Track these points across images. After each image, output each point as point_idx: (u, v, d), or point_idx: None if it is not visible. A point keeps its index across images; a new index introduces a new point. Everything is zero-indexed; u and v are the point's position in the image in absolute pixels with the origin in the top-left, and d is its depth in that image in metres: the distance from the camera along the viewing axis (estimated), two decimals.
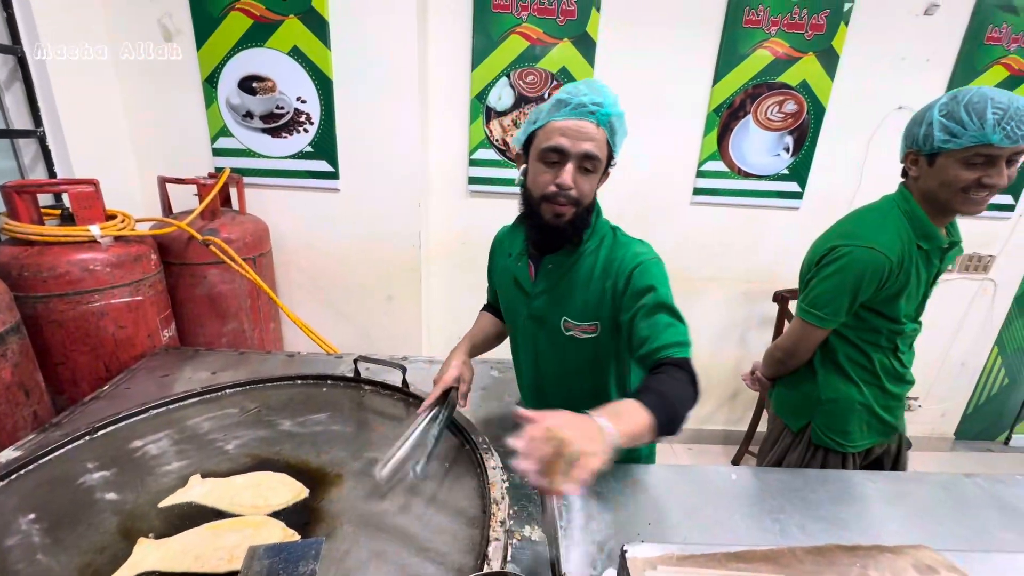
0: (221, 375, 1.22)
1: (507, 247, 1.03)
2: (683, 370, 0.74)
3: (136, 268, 1.31)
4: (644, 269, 0.84)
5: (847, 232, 1.08)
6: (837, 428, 1.17)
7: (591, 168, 0.83)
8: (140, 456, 0.88)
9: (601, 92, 0.82)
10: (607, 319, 0.89)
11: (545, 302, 0.93)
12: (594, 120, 0.80)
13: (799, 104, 1.93)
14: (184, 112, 1.78)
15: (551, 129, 0.81)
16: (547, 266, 0.93)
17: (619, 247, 0.89)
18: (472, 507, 0.78)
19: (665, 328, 0.79)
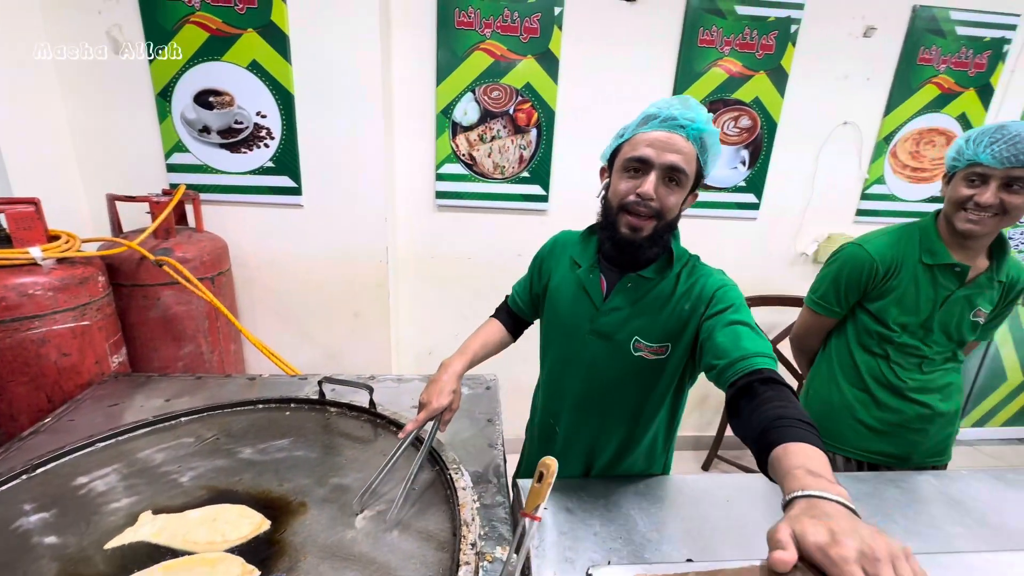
0: (176, 402, 1.16)
1: (575, 255, 0.98)
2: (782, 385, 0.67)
3: (82, 291, 1.24)
4: (726, 291, 0.84)
5: (860, 236, 1.20)
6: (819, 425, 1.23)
7: (677, 181, 0.80)
8: (85, 494, 0.82)
9: (693, 108, 0.81)
10: (679, 343, 0.87)
11: (617, 319, 0.90)
12: (684, 134, 0.79)
13: (753, 119, 2.02)
14: (136, 127, 1.71)
15: (637, 141, 0.81)
16: (626, 284, 0.89)
17: (700, 273, 0.88)
18: (442, 530, 0.77)
19: (749, 338, 0.75)
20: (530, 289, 1.08)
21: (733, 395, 0.70)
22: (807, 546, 0.39)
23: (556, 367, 1.02)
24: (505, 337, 1.10)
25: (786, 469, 0.51)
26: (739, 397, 0.69)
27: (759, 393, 0.66)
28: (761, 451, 0.59)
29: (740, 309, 0.81)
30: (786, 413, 0.60)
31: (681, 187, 0.81)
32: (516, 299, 1.11)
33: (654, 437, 0.99)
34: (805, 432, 0.56)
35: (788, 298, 2.12)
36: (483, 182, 1.99)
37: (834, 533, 0.39)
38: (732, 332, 0.77)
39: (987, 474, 1.03)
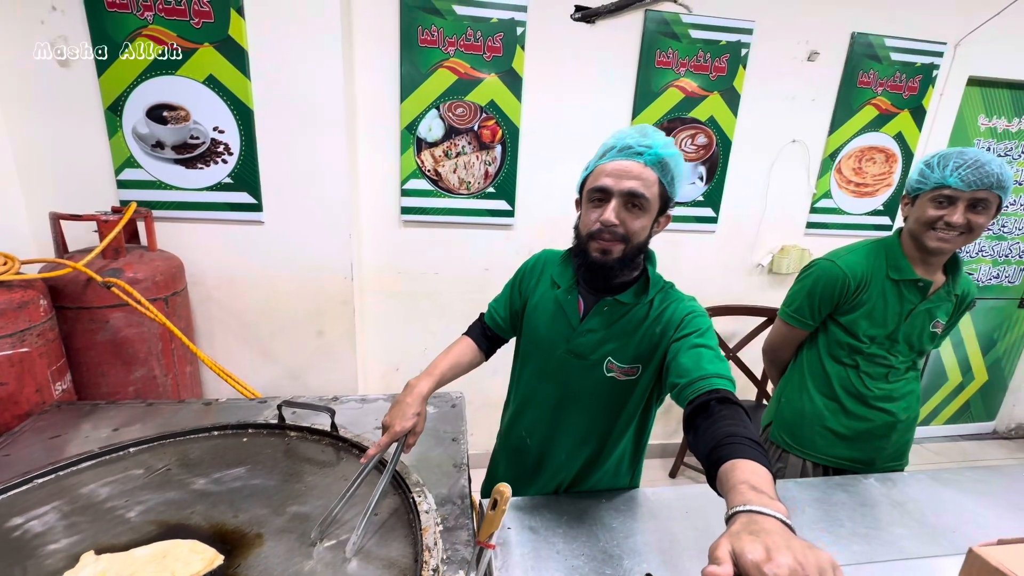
0: (125, 431, 1.10)
1: (555, 275, 1.01)
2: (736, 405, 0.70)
3: (20, 316, 1.17)
4: (694, 318, 0.87)
5: (830, 252, 1.26)
6: (788, 431, 1.31)
7: (639, 206, 0.83)
8: (20, 536, 0.77)
9: (649, 135, 0.84)
10: (649, 365, 0.91)
11: (592, 340, 0.93)
12: (642, 160, 0.82)
13: (709, 137, 2.10)
14: (83, 142, 1.63)
15: (598, 172, 0.85)
16: (603, 307, 0.92)
17: (673, 299, 0.92)
18: (403, 556, 0.76)
19: (710, 360, 0.79)
20: (510, 305, 1.09)
21: (690, 412, 0.73)
22: (744, 563, 0.41)
23: (531, 383, 1.04)
24: (476, 356, 1.09)
25: (731, 484, 0.53)
26: (696, 415, 0.72)
27: (714, 412, 0.69)
28: (711, 466, 0.61)
29: (706, 334, 0.85)
30: (736, 432, 0.63)
31: (644, 211, 0.84)
32: (494, 315, 1.11)
33: (622, 454, 1.02)
34: (752, 450, 0.59)
35: (746, 308, 2.20)
36: (449, 197, 2.00)
37: (769, 550, 0.41)
38: (695, 354, 0.81)
39: (926, 475, 1.10)
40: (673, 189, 0.87)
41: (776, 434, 1.34)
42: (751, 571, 0.40)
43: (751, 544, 0.42)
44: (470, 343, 1.09)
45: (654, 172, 0.83)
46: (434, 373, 0.98)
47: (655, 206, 0.85)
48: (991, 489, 1.06)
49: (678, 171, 0.86)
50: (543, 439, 1.02)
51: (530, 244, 2.06)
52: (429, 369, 1.00)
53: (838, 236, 2.33)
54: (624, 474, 1.05)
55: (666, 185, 0.85)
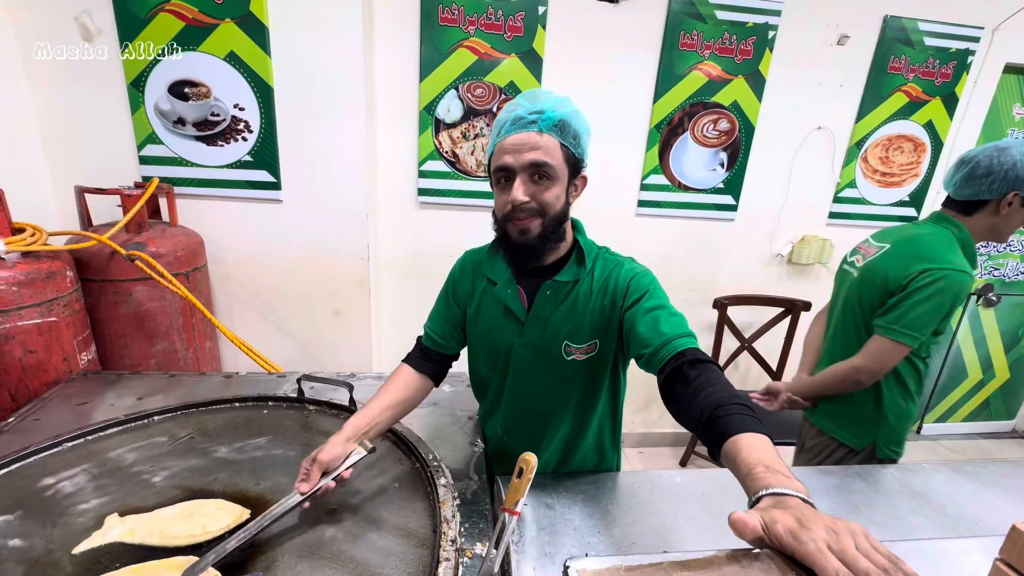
0: (149, 400, 1.13)
1: (487, 272, 0.95)
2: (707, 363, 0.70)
3: (48, 286, 1.20)
4: (638, 280, 0.85)
5: (929, 256, 1.13)
6: (897, 440, 1.26)
7: (546, 175, 0.80)
8: (51, 496, 0.80)
9: (539, 99, 0.80)
10: (607, 337, 0.89)
11: (543, 329, 0.89)
12: (536, 129, 0.79)
13: (731, 123, 2.06)
14: (106, 118, 1.65)
15: (498, 150, 0.82)
16: (545, 292, 0.89)
17: (612, 265, 0.89)
18: (422, 527, 0.77)
19: (667, 320, 0.77)
20: (448, 318, 1.01)
21: (664, 381, 0.73)
22: (776, 531, 0.41)
23: (494, 384, 1.00)
24: (420, 387, 0.97)
25: (746, 468, 0.53)
26: (671, 382, 0.72)
27: (690, 378, 0.68)
28: (711, 441, 0.61)
29: (653, 294, 0.83)
30: (723, 399, 0.62)
31: (552, 179, 0.81)
32: (432, 336, 1.01)
33: (600, 428, 1.00)
34: (747, 419, 0.59)
35: (764, 298, 2.17)
36: (466, 179, 1.99)
37: (800, 520, 0.42)
38: (651, 319, 0.79)
39: (946, 467, 1.08)
40: (579, 148, 0.83)
41: (884, 450, 1.26)
42: (784, 539, 0.40)
43: (781, 515, 0.43)
44: (408, 374, 0.97)
45: (554, 137, 0.79)
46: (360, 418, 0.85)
47: (563, 172, 0.82)
48: (1015, 483, 1.04)
49: (580, 128, 0.82)
50: (522, 434, 1.00)
51: None
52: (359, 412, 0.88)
53: (862, 227, 2.28)
54: (608, 450, 1.04)
55: (570, 147, 0.81)
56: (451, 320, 1.01)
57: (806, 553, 0.39)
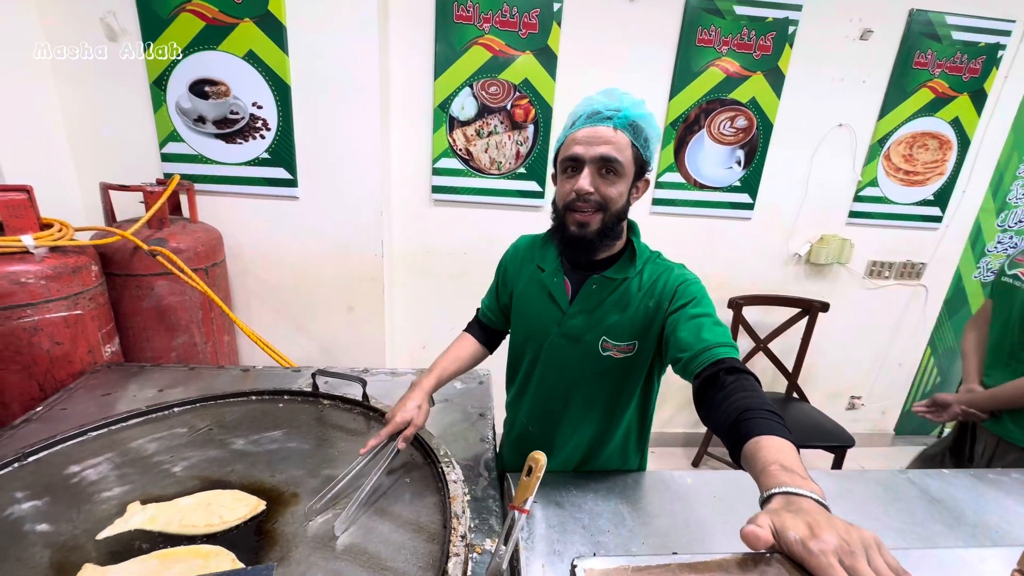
0: (169, 392, 1.16)
1: (537, 259, 0.98)
2: (745, 373, 0.69)
3: (74, 280, 1.24)
4: (687, 286, 0.85)
5: None
6: None
7: (613, 171, 0.81)
8: (77, 483, 0.82)
9: (618, 97, 0.82)
10: (646, 340, 0.88)
11: (583, 321, 0.90)
12: (611, 124, 0.80)
13: (749, 120, 2.03)
14: (130, 116, 1.69)
15: (569, 141, 0.83)
16: (591, 286, 0.90)
17: (662, 268, 0.90)
18: (432, 522, 0.78)
19: (710, 328, 0.77)
20: (497, 299, 1.08)
21: (699, 386, 0.73)
22: (786, 539, 0.40)
23: (527, 371, 1.02)
24: (478, 351, 1.09)
25: (761, 465, 0.52)
26: (706, 387, 0.71)
27: (725, 383, 0.68)
28: (734, 443, 0.61)
29: (701, 302, 0.83)
30: (753, 404, 0.62)
31: (619, 176, 0.82)
32: (486, 312, 1.10)
33: (627, 431, 1.00)
34: (774, 424, 0.59)
35: (780, 298, 2.14)
36: (479, 177, 1.99)
37: (812, 526, 0.41)
38: (694, 325, 0.79)
39: (967, 474, 1.05)
40: (648, 151, 0.85)
41: None
42: (794, 547, 0.39)
43: (792, 520, 0.41)
44: (470, 339, 1.09)
45: (626, 135, 0.81)
46: (434, 370, 0.99)
47: (630, 170, 0.83)
48: None
49: (652, 132, 0.84)
50: (545, 425, 1.01)
51: None
52: (431, 367, 1.01)
53: (883, 227, 2.23)
54: (632, 453, 1.04)
55: (640, 148, 0.83)
56: (500, 300, 1.07)
57: (816, 567, 0.38)
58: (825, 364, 2.46)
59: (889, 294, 2.37)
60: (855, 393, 2.58)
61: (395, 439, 0.88)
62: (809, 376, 2.41)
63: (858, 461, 2.48)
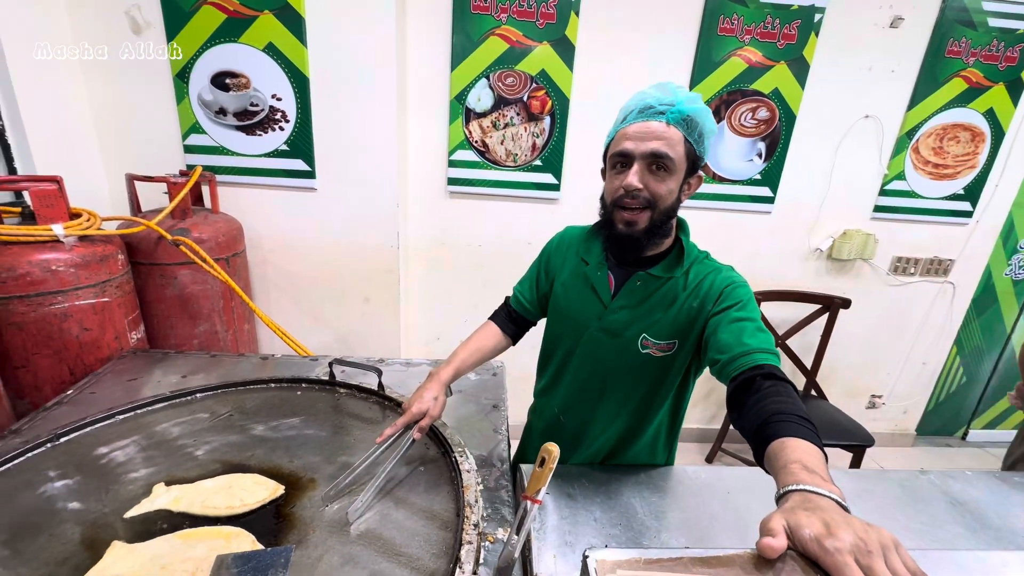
0: (192, 378, 1.19)
1: (582, 252, 0.98)
2: (784, 381, 0.68)
3: (102, 268, 1.27)
4: (734, 289, 0.84)
5: None
6: None
7: (664, 168, 0.79)
8: (106, 463, 0.85)
9: (671, 91, 0.80)
10: (687, 340, 0.87)
11: (625, 317, 0.90)
12: (663, 119, 0.78)
13: (771, 111, 1.98)
14: (154, 108, 1.73)
15: (619, 136, 0.82)
16: (635, 282, 0.89)
17: (710, 269, 0.88)
18: (446, 510, 0.79)
19: (753, 333, 0.76)
20: (536, 287, 1.07)
21: (734, 389, 0.72)
22: (801, 536, 0.40)
23: (562, 361, 1.02)
24: (501, 341, 1.07)
25: (782, 464, 0.52)
26: (740, 391, 0.70)
27: (760, 388, 0.67)
28: (758, 444, 0.60)
29: (747, 306, 0.81)
30: (784, 408, 0.61)
31: (670, 172, 0.80)
32: (520, 299, 1.08)
33: (658, 429, 1.00)
34: (803, 428, 0.58)
35: (800, 293, 2.10)
36: (495, 169, 1.99)
37: (828, 524, 0.40)
38: (736, 328, 0.78)
39: (992, 476, 1.03)
40: (702, 147, 0.82)
41: None
42: (809, 546, 0.39)
43: (808, 518, 0.41)
44: (495, 329, 1.08)
45: (679, 130, 0.79)
46: (453, 361, 0.99)
47: (682, 166, 0.81)
48: None
49: (706, 126, 0.82)
50: (576, 417, 1.02)
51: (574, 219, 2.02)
52: (450, 357, 1.00)
53: (910, 221, 2.17)
54: (661, 450, 1.04)
55: (693, 143, 0.81)
56: (539, 289, 1.06)
57: (831, 565, 0.38)
58: (845, 362, 2.41)
59: (914, 291, 2.30)
60: (876, 392, 2.53)
61: (411, 429, 0.89)
62: (828, 374, 2.37)
63: (877, 461, 2.43)
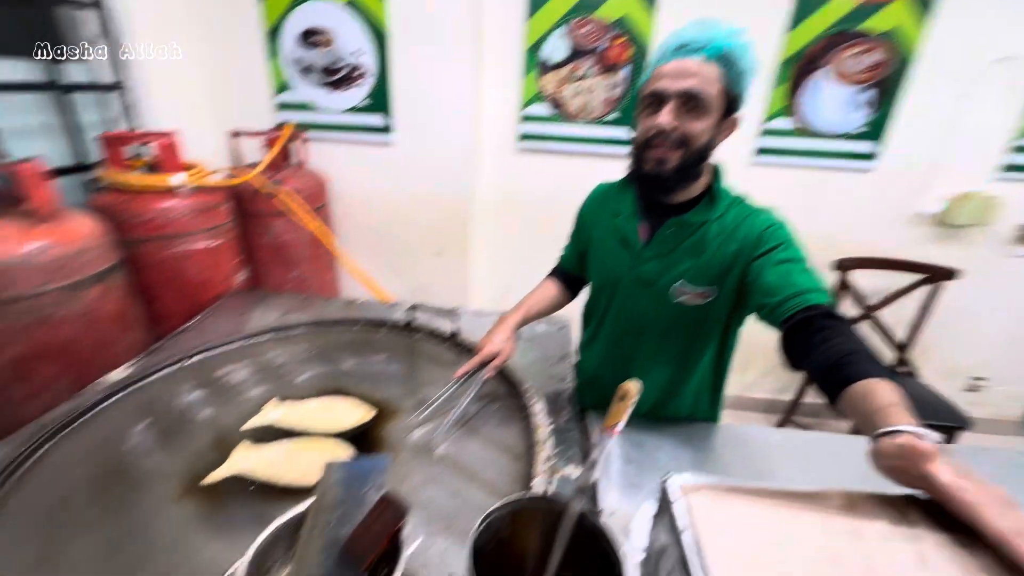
0: (289, 316, 1.32)
1: (613, 206, 0.97)
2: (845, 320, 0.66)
3: (213, 216, 1.42)
4: (775, 231, 0.81)
5: None
6: None
7: (698, 106, 0.76)
8: (226, 382, 0.99)
9: (710, 27, 0.76)
10: (725, 286, 0.85)
11: (657, 265, 0.88)
12: (700, 57, 0.75)
13: (884, 54, 1.75)
14: (249, 66, 1.84)
15: (655, 75, 0.79)
16: (668, 229, 0.87)
17: (747, 212, 0.85)
18: (518, 445, 0.84)
19: (801, 273, 0.73)
20: (576, 247, 1.08)
21: (789, 329, 0.69)
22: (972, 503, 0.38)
23: (599, 316, 1.02)
24: (560, 295, 1.10)
25: (879, 404, 0.50)
26: (797, 331, 0.68)
27: (824, 327, 0.65)
28: (835, 384, 0.58)
29: (790, 247, 0.78)
30: (857, 348, 0.59)
31: (704, 111, 0.76)
32: (567, 260, 1.11)
33: (701, 383, 0.99)
34: (885, 371, 0.55)
35: (899, 262, 1.91)
36: (568, 124, 1.95)
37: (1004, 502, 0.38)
38: (783, 270, 0.75)
39: None
40: (740, 84, 0.78)
41: None
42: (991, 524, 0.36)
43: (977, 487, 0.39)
44: (552, 285, 1.10)
45: (717, 67, 0.75)
46: (521, 308, 1.02)
47: (717, 105, 0.77)
48: None
49: (747, 66, 0.76)
50: (616, 371, 1.00)
51: None
52: (518, 304, 1.03)
53: None
54: (705, 405, 1.02)
55: (731, 83, 0.76)
56: (578, 249, 1.07)
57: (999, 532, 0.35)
58: (945, 339, 2.19)
59: None
60: (979, 374, 2.29)
61: (483, 368, 0.94)
62: (922, 351, 2.17)
63: None
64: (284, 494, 0.71)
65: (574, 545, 0.51)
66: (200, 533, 0.65)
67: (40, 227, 1.01)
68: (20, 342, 1.00)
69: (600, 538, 0.50)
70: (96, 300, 1.09)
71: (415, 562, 0.61)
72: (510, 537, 0.55)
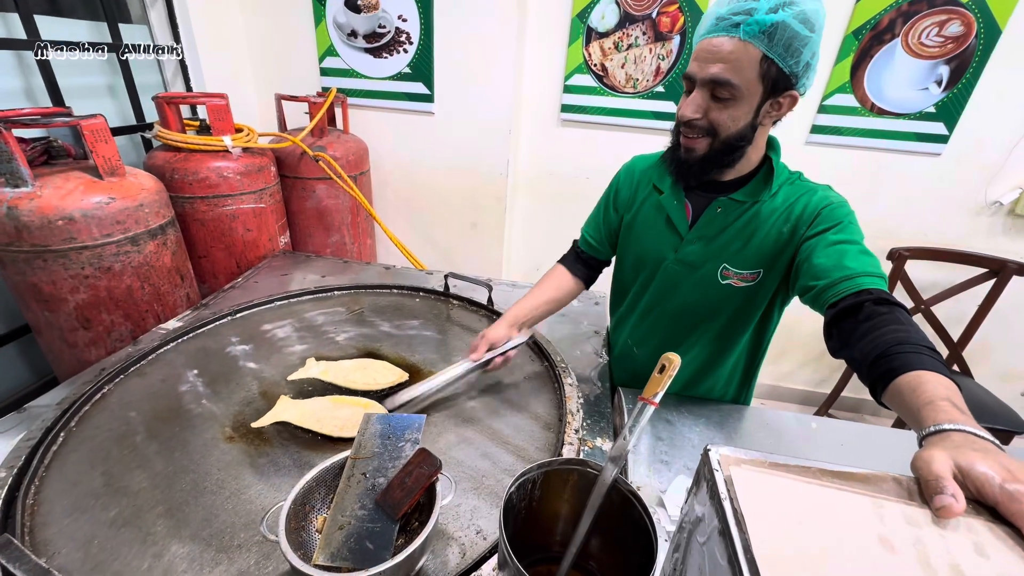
0: (329, 278, 1.36)
1: (654, 180, 0.91)
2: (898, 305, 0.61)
3: (259, 178, 1.46)
4: (832, 210, 0.75)
5: None
6: None
7: (727, 95, 0.70)
8: (270, 337, 1.03)
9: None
10: (774, 268, 0.81)
11: (703, 248, 0.84)
12: (736, 34, 0.67)
13: (967, 25, 1.60)
14: (295, 31, 1.86)
15: (694, 53, 0.74)
16: (715, 209, 0.83)
17: (803, 190, 0.80)
18: (549, 415, 0.85)
19: (856, 256, 0.68)
20: (605, 224, 1.00)
21: (835, 315, 0.65)
22: (977, 477, 0.36)
23: (637, 294, 0.98)
24: (572, 287, 1.02)
25: (927, 399, 0.47)
26: (843, 318, 0.64)
27: (874, 314, 0.60)
28: (880, 376, 0.54)
29: (846, 228, 0.73)
30: (910, 338, 0.55)
31: (734, 99, 0.70)
32: (588, 239, 1.03)
33: (736, 363, 0.96)
34: (938, 364, 0.51)
35: (961, 254, 1.79)
36: (612, 96, 1.88)
37: (1009, 468, 0.36)
38: (836, 251, 0.70)
39: None
40: (792, 61, 0.68)
41: None
42: (988, 489, 0.35)
43: (983, 460, 0.37)
44: (563, 273, 1.02)
45: (757, 47, 0.66)
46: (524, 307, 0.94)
47: (754, 90, 0.70)
48: None
49: (799, 34, 0.66)
50: (650, 348, 0.99)
51: None
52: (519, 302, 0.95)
53: None
54: (736, 387, 0.99)
55: (777, 59, 0.67)
56: (608, 226, 1.00)
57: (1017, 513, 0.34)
58: (1006, 338, 2.05)
59: None
60: None
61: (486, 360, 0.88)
62: (978, 349, 2.04)
63: None
64: (324, 443, 0.75)
65: (605, 512, 0.51)
66: (246, 473, 0.69)
67: (103, 181, 1.07)
68: (84, 290, 1.07)
69: (632, 507, 0.50)
70: (153, 253, 1.15)
71: (444, 516, 0.63)
72: (541, 499, 0.56)
